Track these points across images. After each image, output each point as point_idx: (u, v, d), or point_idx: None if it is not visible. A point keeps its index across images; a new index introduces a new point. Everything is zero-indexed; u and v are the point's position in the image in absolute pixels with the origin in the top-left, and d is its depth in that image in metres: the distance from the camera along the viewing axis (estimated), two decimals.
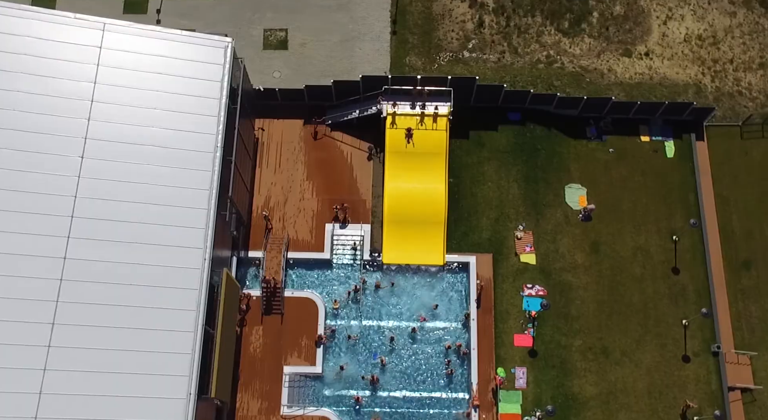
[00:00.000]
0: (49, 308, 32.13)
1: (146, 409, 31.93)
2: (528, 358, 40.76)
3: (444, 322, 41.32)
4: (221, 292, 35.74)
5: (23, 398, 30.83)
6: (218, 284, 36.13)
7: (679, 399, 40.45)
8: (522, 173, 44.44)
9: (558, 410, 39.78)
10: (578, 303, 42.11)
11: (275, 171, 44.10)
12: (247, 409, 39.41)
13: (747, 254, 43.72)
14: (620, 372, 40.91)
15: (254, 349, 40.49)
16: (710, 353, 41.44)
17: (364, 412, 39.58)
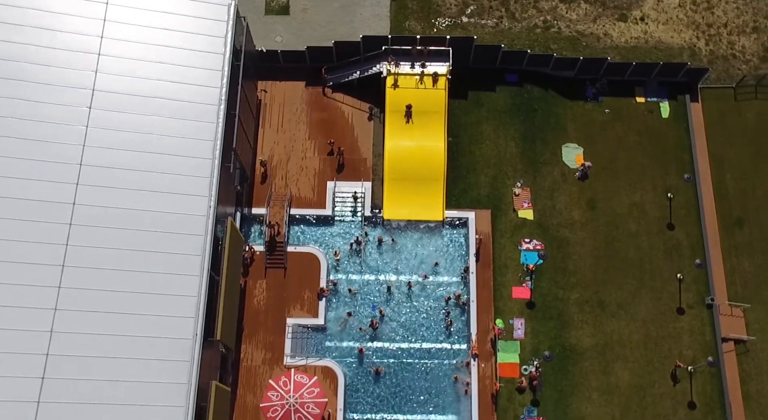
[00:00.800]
0: (59, 251, 33.06)
1: (154, 350, 32.81)
2: (526, 310, 41.64)
3: (444, 277, 42.22)
4: (226, 239, 36.64)
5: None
6: (223, 233, 37.08)
7: (674, 350, 41.38)
8: (519, 132, 45.34)
9: (555, 359, 40.68)
10: (575, 258, 43.00)
11: (277, 131, 44.97)
12: (251, 360, 40.32)
13: (740, 212, 44.57)
14: (616, 324, 41.81)
15: (258, 301, 41.39)
16: (704, 306, 42.32)
17: (366, 363, 40.49)
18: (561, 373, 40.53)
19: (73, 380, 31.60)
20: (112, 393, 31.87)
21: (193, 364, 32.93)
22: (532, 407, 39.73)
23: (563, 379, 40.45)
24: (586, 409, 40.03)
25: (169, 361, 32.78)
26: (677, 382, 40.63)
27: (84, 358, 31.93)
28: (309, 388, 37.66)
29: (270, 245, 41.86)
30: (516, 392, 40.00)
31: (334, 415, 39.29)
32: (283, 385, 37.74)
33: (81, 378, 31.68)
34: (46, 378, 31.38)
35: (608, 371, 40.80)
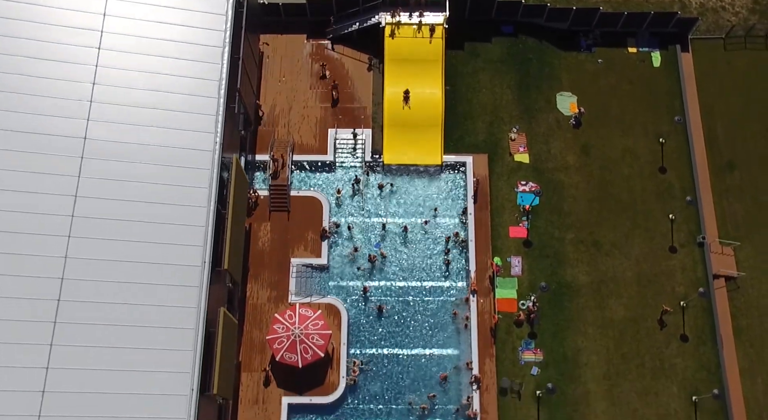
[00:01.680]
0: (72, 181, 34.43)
1: (163, 277, 34.02)
2: (523, 249, 42.92)
3: (443, 218, 43.46)
4: (231, 174, 37.85)
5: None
6: (228, 173, 38.28)
7: (666, 286, 42.66)
8: (515, 81, 46.60)
9: (551, 292, 41.94)
10: (570, 200, 44.27)
11: (279, 82, 46.20)
12: (257, 298, 41.56)
13: (731, 156, 45.83)
14: (610, 262, 43.07)
15: (262, 243, 42.61)
16: (696, 244, 43.60)
17: (369, 300, 41.73)
18: (557, 308, 41.81)
19: (87, 303, 32.88)
20: (127, 316, 33.11)
21: (202, 289, 34.16)
22: (530, 340, 41.01)
23: (559, 314, 41.71)
24: (581, 342, 41.30)
25: (179, 287, 34.02)
26: (664, 326, 41.82)
27: (97, 283, 33.25)
28: (313, 321, 38.94)
29: (273, 190, 43.13)
30: (514, 326, 41.27)
31: (338, 350, 40.52)
32: (289, 318, 38.99)
33: (95, 300, 32.94)
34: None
35: (603, 306, 42.08)
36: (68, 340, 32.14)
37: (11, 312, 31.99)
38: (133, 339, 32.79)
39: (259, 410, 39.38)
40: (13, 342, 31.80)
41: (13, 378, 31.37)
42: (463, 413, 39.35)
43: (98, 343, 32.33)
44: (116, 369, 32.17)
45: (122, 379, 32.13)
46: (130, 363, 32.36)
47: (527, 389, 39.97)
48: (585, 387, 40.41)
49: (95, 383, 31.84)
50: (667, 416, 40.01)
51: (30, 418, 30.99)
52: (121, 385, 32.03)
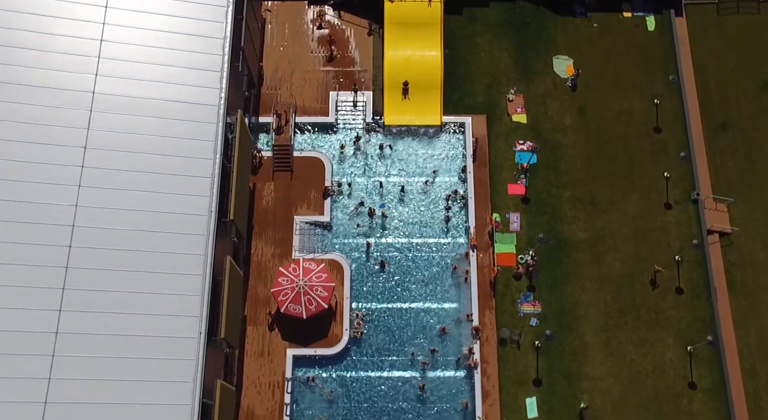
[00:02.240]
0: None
1: (172, 226, 34.93)
2: (521, 205, 43.89)
3: (443, 177, 44.45)
4: (236, 128, 38.79)
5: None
6: (233, 126, 39.28)
7: (661, 241, 43.64)
8: (513, 44, 47.56)
9: (550, 250, 42.91)
10: (567, 159, 45.23)
11: (282, 47, 47.15)
12: (261, 254, 42.52)
13: (724, 117, 46.78)
14: (607, 219, 44.04)
15: (266, 202, 43.58)
16: (690, 201, 44.58)
17: (371, 256, 42.69)
18: (555, 262, 42.76)
19: (98, 249, 33.85)
20: (138, 262, 34.01)
21: (209, 237, 35.06)
22: (528, 292, 41.98)
23: (557, 269, 42.68)
24: (579, 295, 42.27)
25: (187, 235, 34.91)
26: (656, 286, 42.70)
27: (108, 230, 34.20)
28: (317, 273, 39.93)
29: (277, 150, 44.10)
30: (513, 279, 42.25)
31: (341, 303, 41.48)
32: (293, 271, 39.97)
33: (105, 247, 33.91)
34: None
35: (600, 261, 43.04)
36: (80, 284, 33.13)
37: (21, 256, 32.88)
38: (144, 284, 33.68)
39: (265, 362, 40.37)
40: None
41: (25, 332, 32.05)
42: (464, 363, 40.36)
43: (110, 288, 33.27)
44: (127, 312, 33.07)
45: (133, 322, 33.03)
46: (140, 306, 33.28)
47: (526, 339, 40.95)
48: (582, 338, 41.38)
49: (107, 325, 32.76)
50: (663, 365, 40.99)
51: (43, 357, 31.98)
52: (132, 328, 32.94)
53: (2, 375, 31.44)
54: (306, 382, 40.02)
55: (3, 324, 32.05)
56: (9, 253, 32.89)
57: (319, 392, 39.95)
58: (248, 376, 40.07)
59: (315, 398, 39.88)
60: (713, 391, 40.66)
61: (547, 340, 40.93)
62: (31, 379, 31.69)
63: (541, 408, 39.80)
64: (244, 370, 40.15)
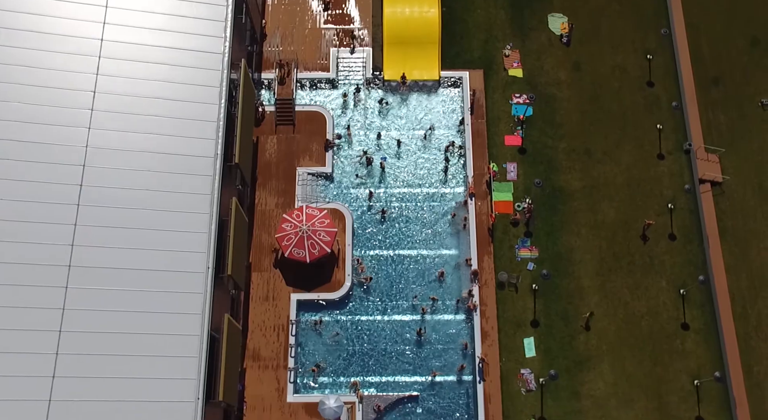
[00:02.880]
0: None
1: (179, 167, 36.08)
2: (518, 156, 45.06)
3: (442, 129, 45.63)
4: (240, 75, 39.89)
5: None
6: (238, 77, 40.38)
7: (654, 190, 44.81)
8: (508, 2, 48.69)
9: (546, 197, 44.06)
10: (562, 112, 46.39)
11: (283, 6, 48.22)
12: (265, 204, 43.66)
13: (716, 72, 47.93)
14: (602, 169, 45.21)
15: (269, 154, 44.71)
16: (682, 151, 45.76)
17: (373, 206, 43.84)
18: (551, 210, 43.91)
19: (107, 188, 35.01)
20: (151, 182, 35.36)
21: (215, 178, 36.18)
22: (526, 238, 43.14)
23: (553, 216, 43.84)
24: (575, 241, 43.43)
25: (193, 176, 36.04)
26: (647, 240, 43.88)
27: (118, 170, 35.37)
28: (320, 219, 41.06)
29: (279, 104, 45.22)
30: (510, 226, 43.41)
31: (344, 250, 42.61)
32: (296, 217, 41.10)
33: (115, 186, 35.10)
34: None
35: (595, 209, 44.20)
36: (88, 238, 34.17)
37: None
38: (154, 221, 34.74)
39: (270, 306, 41.49)
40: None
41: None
42: (464, 305, 41.52)
43: (121, 224, 34.47)
44: (138, 247, 34.19)
45: (143, 256, 34.21)
46: (150, 243, 34.37)
47: (524, 283, 42.12)
48: (578, 282, 42.55)
49: (118, 259, 33.97)
50: (656, 307, 42.18)
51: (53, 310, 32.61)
52: (142, 262, 34.10)
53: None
54: (310, 326, 41.20)
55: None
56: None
57: (322, 335, 41.10)
58: (253, 319, 41.21)
59: (318, 341, 41.03)
60: (705, 331, 41.85)
61: (544, 279, 42.12)
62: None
63: (539, 347, 40.97)
64: (249, 314, 41.30)
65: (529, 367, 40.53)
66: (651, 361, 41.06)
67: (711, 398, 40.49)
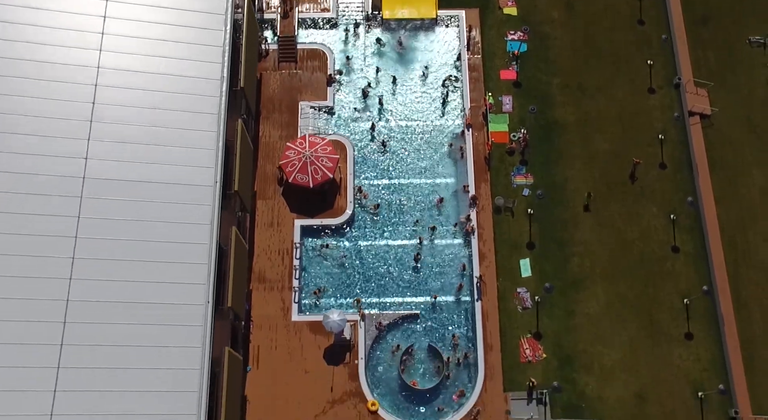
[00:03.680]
0: None
1: (186, 88, 37.53)
2: (513, 89, 46.51)
3: (439, 65, 47.21)
4: (244, 7, 41.34)
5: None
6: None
7: (645, 123, 46.29)
8: None
9: (540, 131, 45.49)
10: (556, 50, 47.86)
11: None
12: (269, 136, 45.09)
13: (705, 10, 49.39)
14: (594, 103, 46.65)
15: (273, 89, 46.18)
16: (672, 86, 47.23)
17: (374, 137, 45.31)
18: (546, 142, 45.36)
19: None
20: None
21: (221, 101, 37.66)
22: (521, 166, 44.60)
23: (548, 148, 45.28)
24: (569, 172, 44.86)
25: (201, 97, 37.55)
26: (635, 180, 45.20)
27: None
28: (322, 146, 42.53)
29: (282, 42, 46.64)
30: (506, 155, 44.86)
31: (345, 179, 44.06)
32: (299, 144, 42.57)
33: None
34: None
35: (588, 141, 45.65)
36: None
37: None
38: (162, 138, 36.38)
39: (274, 232, 42.94)
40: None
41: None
42: (462, 229, 43.01)
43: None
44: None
45: (154, 170, 35.79)
46: (160, 156, 36.00)
47: (519, 208, 43.57)
48: (573, 210, 44.01)
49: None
50: (648, 231, 43.65)
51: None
52: (153, 175, 35.67)
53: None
54: (313, 250, 42.63)
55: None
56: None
57: (325, 259, 42.54)
58: (259, 244, 42.64)
59: (321, 264, 42.48)
60: (695, 254, 43.33)
61: (539, 199, 43.60)
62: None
63: (534, 268, 42.49)
64: (255, 239, 42.73)
65: (525, 286, 42.05)
66: (642, 282, 42.54)
67: (700, 316, 41.97)
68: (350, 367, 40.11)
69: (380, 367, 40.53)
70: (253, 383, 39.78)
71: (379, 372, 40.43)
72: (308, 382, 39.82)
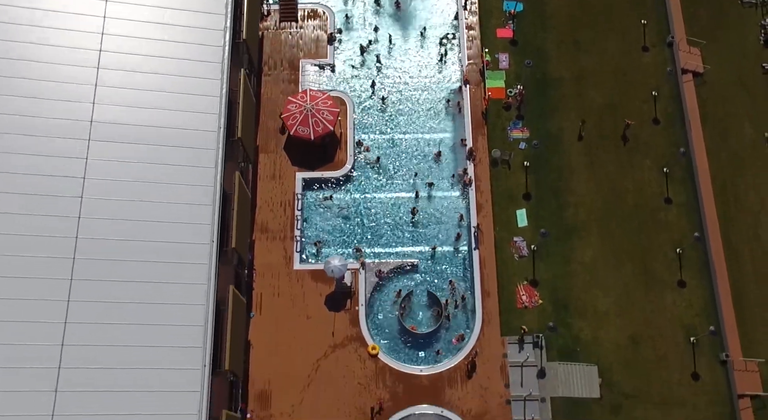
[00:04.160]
0: None
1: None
2: (509, 47, 47.48)
3: (437, 24, 48.29)
4: None
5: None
6: None
7: (639, 79, 47.30)
8: None
9: (536, 86, 46.48)
10: (551, 8, 48.83)
11: None
12: (270, 93, 46.08)
13: None
14: (589, 59, 47.64)
15: (273, 47, 47.17)
16: (665, 44, 48.19)
17: (374, 93, 46.30)
18: (542, 96, 46.34)
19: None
20: None
21: (224, 50, 38.65)
22: (517, 120, 45.60)
23: (544, 102, 46.25)
24: (564, 124, 45.81)
25: (204, 47, 38.52)
26: (627, 141, 45.95)
27: None
28: (323, 100, 43.52)
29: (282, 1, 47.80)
30: (503, 110, 45.86)
31: (345, 134, 45.05)
32: (301, 98, 43.55)
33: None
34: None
35: (583, 95, 46.63)
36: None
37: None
38: (167, 84, 37.35)
39: (277, 184, 43.92)
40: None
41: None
42: (460, 181, 44.03)
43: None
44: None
45: (157, 116, 36.77)
46: (166, 103, 36.97)
47: (516, 160, 44.57)
48: (568, 160, 44.96)
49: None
50: (642, 183, 44.66)
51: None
52: (157, 119, 36.66)
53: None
54: (314, 202, 43.63)
55: None
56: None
57: (326, 211, 43.55)
58: (261, 196, 43.63)
59: (322, 216, 43.50)
60: (687, 205, 44.37)
61: (534, 149, 44.61)
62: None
63: (530, 218, 43.51)
64: (257, 191, 43.70)
65: (522, 235, 43.09)
66: (636, 231, 43.57)
67: (692, 265, 43.00)
68: (351, 313, 41.16)
69: (380, 313, 41.60)
70: (256, 329, 40.83)
71: (380, 318, 41.50)
72: (310, 327, 40.90)
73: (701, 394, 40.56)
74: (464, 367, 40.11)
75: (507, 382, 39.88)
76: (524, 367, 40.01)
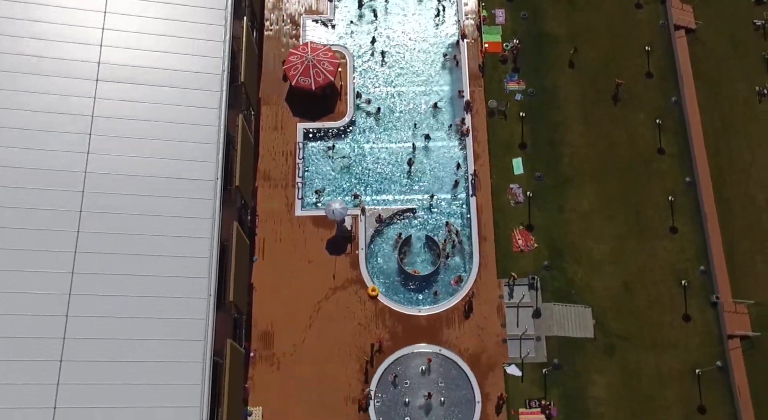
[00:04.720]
0: None
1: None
2: (505, 3, 48.42)
3: None
4: None
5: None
6: None
7: (634, 35, 48.34)
8: None
9: (532, 42, 47.50)
10: None
11: None
12: (272, 48, 47.08)
13: None
14: (584, 17, 48.64)
15: (274, 6, 48.12)
16: (659, 1, 49.18)
17: (374, 49, 47.34)
18: (538, 53, 47.35)
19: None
20: None
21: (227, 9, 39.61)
22: (514, 73, 46.66)
23: (540, 59, 47.27)
24: (560, 80, 46.88)
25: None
26: (618, 100, 46.83)
27: None
28: (324, 51, 44.55)
29: None
30: (499, 63, 46.91)
31: (345, 86, 46.08)
32: (302, 50, 44.56)
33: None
34: None
35: (578, 51, 47.55)
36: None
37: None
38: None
39: (279, 135, 44.96)
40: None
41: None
42: (457, 131, 45.09)
43: None
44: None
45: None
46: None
47: (512, 111, 45.64)
48: (563, 113, 46.00)
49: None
50: (635, 136, 45.73)
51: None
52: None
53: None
54: (315, 151, 44.65)
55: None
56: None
57: (327, 160, 44.59)
58: (264, 145, 44.67)
59: (323, 164, 44.55)
60: (679, 155, 45.45)
61: (530, 97, 45.70)
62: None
63: (526, 166, 44.57)
64: (260, 141, 44.75)
65: (518, 183, 44.16)
66: (630, 181, 44.66)
67: (684, 212, 44.14)
68: (351, 256, 42.24)
69: (380, 256, 42.67)
70: (259, 272, 41.90)
71: (379, 262, 42.59)
72: (311, 270, 41.97)
73: (692, 335, 41.73)
74: (462, 308, 41.23)
75: (503, 322, 41.00)
76: (520, 307, 41.15)
